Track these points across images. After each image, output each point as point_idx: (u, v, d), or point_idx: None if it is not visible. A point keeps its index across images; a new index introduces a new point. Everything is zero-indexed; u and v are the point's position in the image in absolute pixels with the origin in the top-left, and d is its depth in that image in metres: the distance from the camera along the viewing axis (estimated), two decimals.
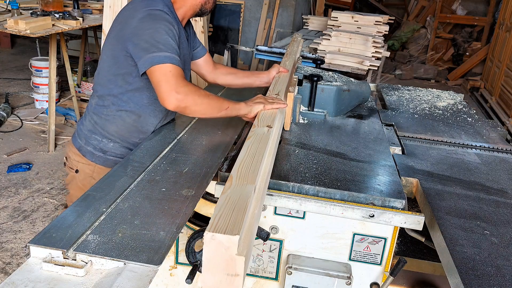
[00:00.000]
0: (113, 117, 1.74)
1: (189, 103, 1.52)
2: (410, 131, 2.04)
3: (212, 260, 0.85)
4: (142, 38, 1.55)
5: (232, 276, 0.86)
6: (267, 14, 6.94)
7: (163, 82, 1.50)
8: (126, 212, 1.16)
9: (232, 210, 0.91)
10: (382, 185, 1.46)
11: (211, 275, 0.86)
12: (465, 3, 8.66)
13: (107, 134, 1.76)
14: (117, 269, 0.97)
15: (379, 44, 3.87)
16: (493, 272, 1.10)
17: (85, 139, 1.79)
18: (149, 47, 1.53)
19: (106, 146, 1.77)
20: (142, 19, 1.57)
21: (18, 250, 2.86)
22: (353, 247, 1.45)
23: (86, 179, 1.81)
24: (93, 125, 1.78)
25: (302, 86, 2.08)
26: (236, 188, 1.00)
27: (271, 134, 1.34)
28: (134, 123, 1.75)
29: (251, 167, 1.10)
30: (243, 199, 0.95)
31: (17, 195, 3.47)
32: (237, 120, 1.94)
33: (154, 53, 1.52)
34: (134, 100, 1.71)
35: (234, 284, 0.86)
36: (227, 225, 0.86)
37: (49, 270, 0.97)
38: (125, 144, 1.78)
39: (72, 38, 6.66)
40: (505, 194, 1.52)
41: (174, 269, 1.61)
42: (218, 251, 0.84)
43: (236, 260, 0.84)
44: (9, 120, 4.74)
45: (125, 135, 1.77)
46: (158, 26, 1.57)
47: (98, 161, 1.79)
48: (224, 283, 0.86)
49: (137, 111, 1.73)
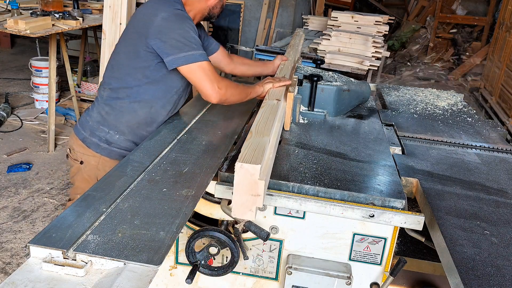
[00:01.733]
0: (126, 109, 1.81)
1: (228, 96, 1.75)
2: (410, 131, 2.04)
3: (240, 184, 1.14)
4: (170, 36, 1.67)
5: (254, 196, 1.14)
6: (267, 14, 6.94)
7: (205, 80, 1.69)
8: (126, 212, 1.16)
9: (254, 151, 1.19)
10: (382, 185, 1.46)
11: (239, 196, 1.16)
12: (465, 3, 8.66)
13: (116, 125, 1.82)
14: (117, 269, 0.97)
15: (379, 44, 3.87)
16: (493, 272, 1.09)
17: (90, 130, 1.84)
18: (182, 45, 1.67)
19: (112, 138, 1.83)
20: (168, 18, 1.68)
21: (18, 250, 2.86)
22: (353, 247, 1.45)
23: (91, 170, 1.86)
24: (102, 116, 1.83)
25: (302, 86, 2.08)
26: (255, 139, 1.29)
27: (279, 105, 1.63)
28: (145, 115, 1.83)
29: (265, 126, 1.40)
30: (262, 144, 1.25)
31: (17, 195, 3.47)
32: (237, 120, 1.94)
33: (189, 51, 1.67)
34: (149, 92, 1.80)
35: (256, 203, 1.15)
36: (251, 158, 1.14)
37: (49, 270, 0.97)
38: (130, 137, 1.84)
39: (72, 38, 6.66)
40: (505, 194, 1.52)
41: (174, 269, 1.61)
42: (245, 177, 1.13)
43: (258, 183, 1.13)
44: (9, 120, 4.74)
45: (134, 126, 1.84)
46: (185, 25, 1.69)
47: (103, 153, 1.84)
48: (249, 201, 1.15)
49: (150, 103, 1.81)
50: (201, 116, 1.98)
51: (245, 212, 1.18)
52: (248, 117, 2.04)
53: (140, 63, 1.75)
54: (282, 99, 1.73)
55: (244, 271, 1.54)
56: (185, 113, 1.99)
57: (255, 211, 1.17)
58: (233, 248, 1.40)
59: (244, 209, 1.18)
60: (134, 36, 1.75)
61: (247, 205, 1.17)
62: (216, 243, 1.40)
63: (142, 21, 1.74)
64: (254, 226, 1.41)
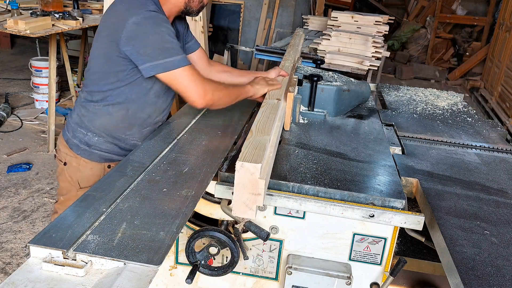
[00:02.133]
0: (100, 111, 1.74)
1: (215, 100, 1.65)
2: (410, 131, 2.04)
3: (240, 183, 1.16)
4: (144, 43, 1.55)
5: (255, 195, 1.17)
6: (267, 14, 6.94)
7: (188, 85, 1.59)
8: (126, 212, 1.16)
9: (254, 149, 1.21)
10: (382, 185, 1.46)
11: (240, 195, 1.17)
12: (465, 3, 8.66)
13: (92, 128, 1.77)
14: (117, 269, 0.97)
15: (379, 44, 3.87)
16: (493, 272, 1.09)
17: (72, 132, 1.81)
18: (158, 52, 1.55)
19: (90, 140, 1.78)
20: (139, 23, 1.55)
21: (18, 250, 2.86)
22: (353, 247, 1.45)
23: (73, 171, 1.83)
24: (80, 118, 1.79)
25: (302, 86, 2.08)
26: (256, 138, 1.30)
27: (280, 104, 1.64)
28: (122, 118, 1.75)
29: (266, 125, 1.41)
30: (262, 143, 1.26)
31: (17, 195, 3.47)
32: (237, 121, 1.94)
33: (167, 58, 1.55)
34: (123, 95, 1.71)
35: (257, 201, 1.17)
36: (252, 157, 1.16)
37: (49, 270, 0.97)
38: (109, 139, 1.79)
39: (72, 38, 6.66)
40: (505, 194, 1.52)
41: (174, 269, 1.61)
42: (246, 176, 1.14)
43: (259, 182, 1.15)
44: (9, 120, 4.74)
45: (111, 129, 1.77)
46: (160, 29, 1.57)
47: (83, 155, 1.80)
48: (250, 200, 1.18)
49: (125, 105, 1.74)
50: (201, 116, 1.98)
51: (245, 211, 1.20)
52: (248, 117, 2.03)
53: (113, 67, 1.66)
54: (282, 99, 1.74)
55: (244, 271, 1.54)
56: (185, 114, 1.99)
57: (256, 210, 1.19)
58: (233, 248, 1.40)
59: (245, 208, 1.20)
60: (105, 40, 1.64)
61: (247, 204, 1.19)
62: (216, 243, 1.40)
63: (112, 24, 1.61)
64: (254, 226, 1.41)
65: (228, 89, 1.72)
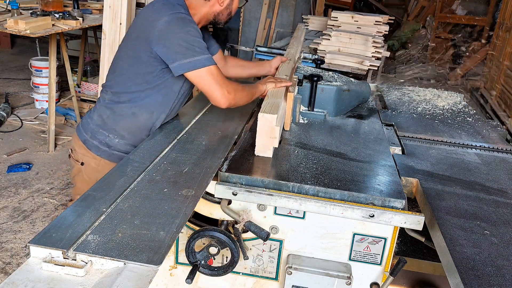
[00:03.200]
0: (127, 113, 1.79)
1: (237, 99, 1.75)
2: (410, 131, 2.04)
3: (261, 129, 1.55)
4: (174, 42, 1.63)
5: (272, 138, 1.57)
6: (267, 14, 6.94)
7: (214, 85, 1.68)
8: (126, 212, 1.16)
9: (271, 107, 1.60)
10: (382, 185, 1.46)
11: (261, 139, 1.58)
12: (465, 3, 8.66)
13: (116, 129, 1.81)
14: (117, 269, 0.97)
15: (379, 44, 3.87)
16: (493, 272, 1.09)
17: (91, 133, 1.84)
18: (185, 50, 1.63)
19: (111, 142, 1.82)
20: (170, 22, 1.63)
21: (18, 250, 2.86)
22: (353, 247, 1.45)
23: (91, 172, 1.86)
24: (103, 120, 1.82)
25: (302, 86, 2.08)
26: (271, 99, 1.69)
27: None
28: (146, 120, 1.80)
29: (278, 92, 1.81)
30: (276, 103, 1.65)
31: (17, 195, 3.47)
32: (237, 121, 1.94)
33: (194, 56, 1.63)
34: (150, 97, 1.77)
35: (273, 143, 1.59)
36: (270, 111, 1.55)
37: (49, 270, 0.97)
38: (130, 142, 1.82)
39: (72, 38, 6.66)
40: (505, 194, 1.52)
41: (174, 269, 1.61)
42: (265, 124, 1.54)
43: (275, 128, 1.55)
44: (9, 120, 4.75)
45: (135, 131, 1.81)
46: (189, 29, 1.65)
47: (104, 155, 1.83)
48: (268, 142, 1.58)
49: (151, 108, 1.79)
50: (201, 116, 1.98)
51: (265, 151, 1.59)
52: (248, 117, 2.04)
53: (143, 68, 1.72)
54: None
55: (244, 271, 1.54)
56: (185, 113, 1.99)
57: (272, 151, 1.59)
58: (233, 248, 1.40)
59: (265, 148, 1.58)
60: (136, 41, 1.72)
61: (266, 146, 1.58)
62: (216, 243, 1.40)
63: (144, 25, 1.69)
64: (254, 226, 1.42)
65: (246, 90, 1.82)
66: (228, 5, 1.85)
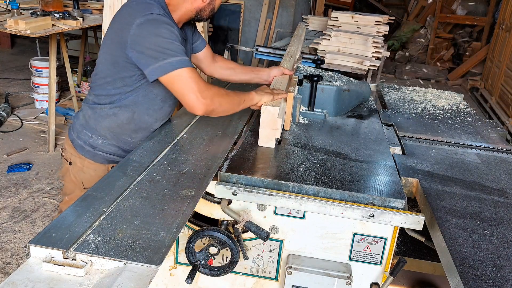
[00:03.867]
0: (107, 113, 1.74)
1: (215, 106, 1.58)
2: (410, 131, 2.04)
3: (264, 121, 1.66)
4: (145, 46, 1.53)
5: (274, 130, 1.67)
6: (267, 14, 6.94)
7: (187, 90, 1.53)
8: (126, 212, 1.16)
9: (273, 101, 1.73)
10: (382, 185, 1.46)
11: (264, 130, 1.67)
12: (465, 3, 8.66)
13: (98, 129, 1.77)
14: (117, 269, 0.97)
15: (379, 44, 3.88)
16: (493, 272, 1.09)
17: (77, 133, 1.82)
18: (157, 54, 1.52)
19: (94, 142, 1.79)
20: (141, 25, 1.53)
21: (18, 250, 2.86)
22: (353, 247, 1.45)
23: (77, 172, 1.85)
24: (86, 120, 1.79)
25: (302, 86, 2.08)
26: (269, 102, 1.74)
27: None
28: (127, 120, 1.75)
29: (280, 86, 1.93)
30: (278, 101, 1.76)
31: (17, 195, 3.47)
32: (237, 121, 1.94)
33: (165, 60, 1.51)
34: (130, 98, 1.72)
35: (275, 134, 1.68)
36: (272, 105, 1.67)
37: (49, 270, 0.97)
38: (114, 142, 1.79)
39: (72, 38, 6.66)
40: (505, 194, 1.52)
41: (174, 269, 1.61)
42: (268, 116, 1.65)
43: (277, 120, 1.65)
44: (9, 120, 4.74)
45: (117, 131, 1.77)
46: (160, 31, 1.54)
47: (88, 155, 1.81)
48: (271, 134, 1.68)
49: (132, 108, 1.73)
50: (201, 116, 1.98)
51: (267, 142, 1.69)
52: (248, 117, 2.03)
53: (121, 73, 1.65)
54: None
55: (244, 271, 1.54)
56: (185, 113, 1.99)
57: (275, 142, 1.69)
58: (233, 248, 1.40)
59: (267, 139, 1.69)
60: (112, 45, 1.63)
61: (269, 137, 1.68)
62: (216, 243, 1.40)
63: (118, 29, 1.60)
64: (254, 226, 1.42)
65: (230, 96, 1.66)
66: (211, 0, 1.74)
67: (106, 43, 1.69)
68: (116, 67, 1.65)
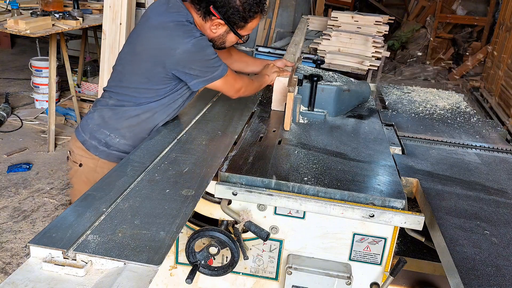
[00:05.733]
0: (130, 115, 1.81)
1: (247, 93, 1.99)
2: (410, 131, 2.04)
3: (277, 89, 2.16)
4: (194, 68, 1.70)
5: (284, 96, 2.10)
6: (267, 14, 6.93)
7: (227, 89, 1.87)
8: (126, 212, 1.16)
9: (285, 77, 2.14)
10: (382, 185, 1.46)
11: (276, 96, 2.17)
12: (465, 3, 8.66)
13: (119, 128, 1.81)
14: (117, 269, 0.97)
15: (379, 44, 3.87)
16: (493, 272, 1.09)
17: (90, 133, 1.84)
18: (206, 70, 1.72)
19: (112, 141, 1.82)
20: (189, 51, 1.65)
21: (18, 250, 2.86)
22: (353, 247, 1.45)
23: (90, 172, 1.86)
24: (104, 120, 1.82)
25: (302, 86, 2.08)
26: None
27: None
28: (147, 119, 1.82)
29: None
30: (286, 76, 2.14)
31: (17, 195, 3.47)
32: (237, 121, 1.94)
33: (213, 73, 1.74)
34: (155, 103, 1.80)
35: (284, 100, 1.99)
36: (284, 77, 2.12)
37: (49, 270, 0.97)
38: (130, 142, 1.83)
39: (72, 38, 6.65)
40: (505, 194, 1.52)
41: (174, 269, 1.61)
42: (279, 85, 2.14)
43: (286, 88, 2.00)
44: (9, 120, 4.75)
45: (136, 130, 1.83)
46: (206, 52, 1.69)
47: (102, 155, 1.84)
48: (282, 99, 2.15)
49: (154, 110, 1.81)
50: (201, 116, 1.98)
51: (278, 106, 2.17)
52: (248, 117, 2.04)
53: (155, 86, 1.76)
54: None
55: (244, 271, 1.54)
56: (185, 113, 1.99)
57: (284, 106, 1.97)
58: (233, 248, 1.40)
59: (278, 104, 2.17)
60: (148, 63, 1.72)
61: (280, 101, 2.15)
62: (216, 243, 1.40)
63: (159, 50, 1.69)
64: (254, 226, 1.42)
65: (255, 83, 2.04)
66: (221, 35, 1.82)
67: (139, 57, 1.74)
68: (152, 80, 1.75)
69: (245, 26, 1.81)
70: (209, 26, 1.77)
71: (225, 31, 1.80)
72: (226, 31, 1.80)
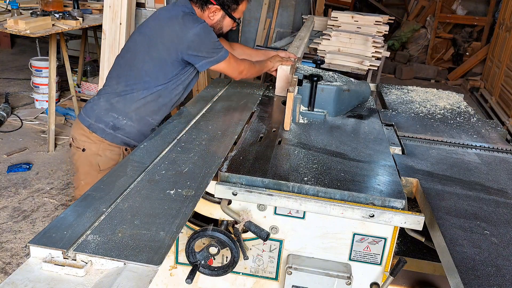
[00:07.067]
0: (138, 98, 2.05)
1: (248, 75, 2.24)
2: (410, 131, 2.04)
3: (280, 76, 2.35)
4: (203, 49, 2.00)
5: (286, 83, 2.32)
6: (267, 14, 6.94)
7: (230, 71, 2.14)
8: (126, 212, 1.16)
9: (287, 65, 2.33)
10: (382, 185, 1.46)
11: (279, 82, 2.36)
12: (465, 3, 8.66)
13: (126, 111, 2.04)
14: (117, 269, 0.97)
15: (379, 44, 3.87)
16: (493, 272, 1.09)
17: (96, 117, 2.05)
18: (212, 52, 2.02)
19: (119, 123, 2.05)
20: (198, 34, 1.97)
21: (18, 250, 2.86)
22: (353, 247, 1.45)
23: (92, 156, 2.08)
24: (112, 104, 2.05)
25: (302, 86, 2.08)
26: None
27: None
28: (153, 102, 2.07)
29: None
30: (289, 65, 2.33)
31: (17, 195, 3.47)
32: (237, 121, 1.94)
33: (217, 54, 2.03)
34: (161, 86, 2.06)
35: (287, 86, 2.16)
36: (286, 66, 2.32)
37: (49, 270, 0.97)
38: (136, 124, 2.07)
39: (72, 38, 6.65)
40: (505, 194, 1.52)
41: (174, 269, 1.61)
42: (283, 72, 2.34)
43: (288, 76, 2.26)
44: (9, 120, 4.75)
45: (142, 112, 2.07)
46: (211, 35, 2.02)
47: (108, 138, 2.06)
48: (284, 85, 2.35)
49: (159, 93, 2.07)
50: (201, 116, 1.98)
51: (281, 92, 2.36)
52: (248, 117, 2.04)
53: (166, 69, 2.02)
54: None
55: (244, 271, 1.54)
56: (185, 113, 1.99)
57: (286, 92, 1.94)
58: (233, 248, 1.40)
59: (281, 90, 2.35)
60: (161, 49, 2.00)
61: (283, 87, 2.33)
62: (216, 243, 1.40)
63: (171, 36, 1.98)
64: (254, 226, 1.42)
65: (257, 66, 2.28)
66: (218, 21, 2.14)
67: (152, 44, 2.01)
68: (163, 65, 2.02)
69: (237, 9, 2.14)
70: (207, 14, 2.10)
71: (221, 16, 2.13)
72: (222, 15, 2.13)
